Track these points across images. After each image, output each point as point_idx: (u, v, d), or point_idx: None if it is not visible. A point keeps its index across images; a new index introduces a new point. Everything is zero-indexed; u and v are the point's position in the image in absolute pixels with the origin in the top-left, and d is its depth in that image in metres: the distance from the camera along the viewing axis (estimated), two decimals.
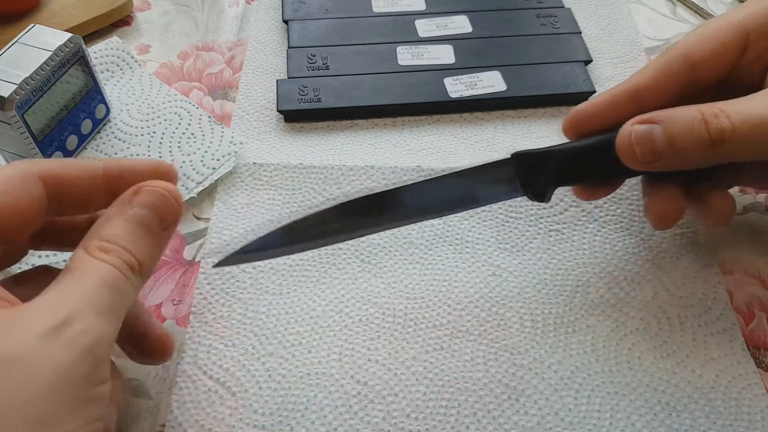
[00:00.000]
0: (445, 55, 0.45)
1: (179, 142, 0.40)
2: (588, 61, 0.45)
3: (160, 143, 0.40)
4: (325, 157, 0.40)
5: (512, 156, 0.32)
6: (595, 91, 0.43)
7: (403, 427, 0.29)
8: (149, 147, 0.39)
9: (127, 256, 0.24)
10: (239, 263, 0.33)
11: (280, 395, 0.30)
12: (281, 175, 0.39)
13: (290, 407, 0.30)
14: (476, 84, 0.43)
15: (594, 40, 0.48)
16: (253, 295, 0.33)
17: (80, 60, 0.37)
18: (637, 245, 0.36)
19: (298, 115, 0.42)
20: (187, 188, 0.37)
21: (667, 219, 0.32)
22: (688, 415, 0.30)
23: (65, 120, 0.37)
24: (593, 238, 0.36)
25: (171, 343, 0.29)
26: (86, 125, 0.39)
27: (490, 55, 0.45)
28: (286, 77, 0.43)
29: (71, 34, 0.36)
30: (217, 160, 0.39)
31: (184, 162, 0.39)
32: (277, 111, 0.41)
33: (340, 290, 0.34)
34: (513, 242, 0.36)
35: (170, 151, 0.39)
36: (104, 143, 0.40)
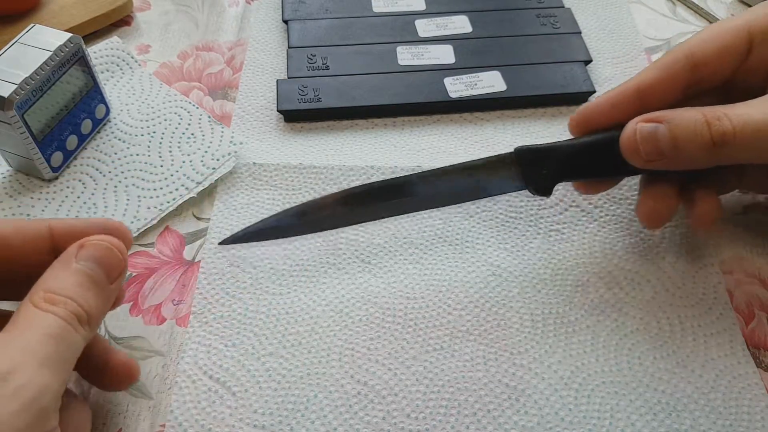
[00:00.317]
0: (445, 55, 0.45)
1: (179, 142, 0.40)
2: (588, 61, 0.45)
3: (160, 143, 0.40)
4: (325, 157, 0.40)
5: (515, 150, 0.33)
6: (595, 91, 0.43)
7: (403, 427, 0.29)
8: (149, 147, 0.39)
9: (74, 306, 0.24)
10: (248, 241, 0.34)
11: (280, 395, 0.30)
12: (281, 175, 0.39)
13: (290, 407, 0.30)
14: (476, 84, 0.43)
15: (594, 40, 0.48)
16: (253, 295, 0.33)
17: (80, 60, 0.37)
18: (637, 245, 0.36)
19: (298, 115, 0.42)
20: (187, 188, 0.37)
21: (655, 218, 0.32)
22: (688, 415, 0.30)
23: (65, 120, 0.37)
24: (593, 238, 0.36)
25: (136, 368, 0.29)
26: (86, 125, 0.39)
27: (490, 55, 0.45)
28: (286, 77, 0.43)
29: (71, 34, 0.36)
30: (217, 160, 0.39)
31: (184, 162, 0.39)
32: (277, 111, 0.41)
33: (340, 290, 0.34)
34: (513, 242, 0.36)
35: (170, 151, 0.39)
36: (104, 143, 0.40)
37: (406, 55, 0.44)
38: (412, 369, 0.31)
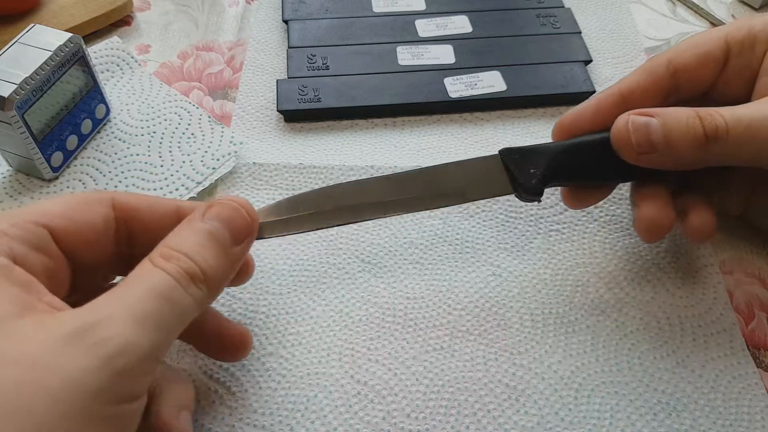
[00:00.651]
0: (445, 55, 0.45)
1: (179, 142, 0.40)
2: (588, 61, 0.45)
3: (160, 143, 0.40)
4: (325, 157, 0.40)
5: (500, 152, 0.32)
6: (595, 91, 0.43)
7: (403, 427, 0.29)
8: (149, 147, 0.39)
9: (189, 263, 0.22)
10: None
11: (280, 395, 0.30)
12: (281, 175, 0.39)
13: (290, 407, 0.30)
14: (476, 84, 0.43)
15: (594, 40, 0.48)
16: (253, 295, 0.33)
17: (80, 60, 0.37)
18: (637, 245, 0.36)
19: (298, 115, 0.42)
20: (187, 188, 0.37)
21: (656, 230, 0.31)
22: (688, 415, 0.30)
23: (65, 120, 0.37)
24: (593, 238, 0.36)
25: (250, 339, 0.29)
26: (86, 125, 0.39)
27: (490, 55, 0.45)
28: (286, 77, 0.43)
29: (71, 34, 0.36)
30: (217, 160, 0.39)
31: (184, 162, 0.39)
32: (277, 111, 0.41)
33: (340, 290, 0.34)
34: (513, 242, 0.36)
35: (170, 151, 0.39)
36: (104, 143, 0.40)
37: (406, 55, 0.44)
38: (412, 369, 0.31)
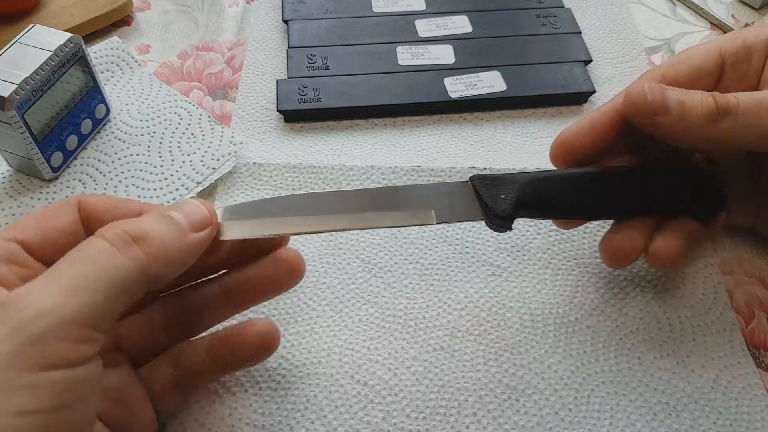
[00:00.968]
0: (445, 55, 0.45)
1: (179, 142, 0.40)
2: (588, 61, 0.45)
3: (160, 143, 0.40)
4: (325, 157, 0.40)
5: (470, 178, 0.30)
6: (594, 91, 0.43)
7: (403, 427, 0.29)
8: (149, 147, 0.39)
9: (130, 226, 0.22)
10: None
11: (280, 395, 0.30)
12: (281, 175, 0.39)
13: (290, 407, 0.30)
14: (476, 84, 0.43)
15: (594, 40, 0.48)
16: None
17: (80, 60, 0.37)
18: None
19: (298, 115, 0.42)
20: (187, 188, 0.37)
21: (617, 258, 0.31)
22: (688, 415, 0.30)
23: (65, 120, 0.37)
24: (593, 238, 0.36)
25: (272, 337, 0.28)
26: (86, 125, 0.39)
27: (490, 55, 0.45)
28: (286, 77, 0.43)
29: (71, 34, 0.36)
30: (217, 160, 0.39)
31: (184, 162, 0.39)
32: (277, 111, 0.41)
33: (340, 290, 0.34)
34: (513, 242, 0.36)
35: (170, 151, 0.39)
36: (104, 143, 0.40)
37: (406, 55, 0.44)
38: (412, 369, 0.31)
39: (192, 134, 0.40)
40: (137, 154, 0.39)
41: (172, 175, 0.38)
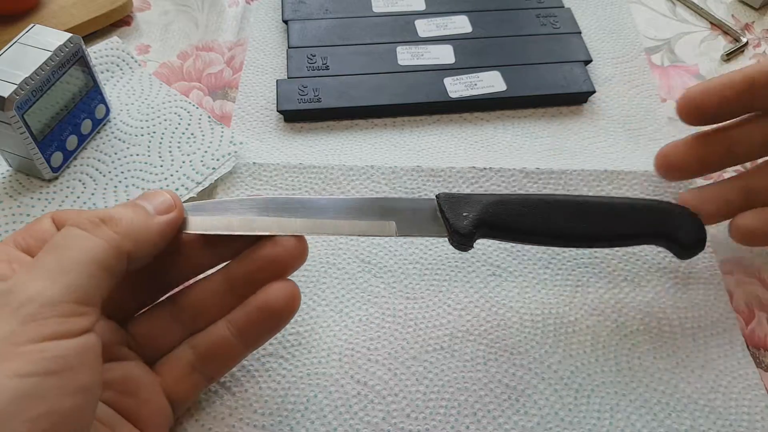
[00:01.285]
0: (445, 55, 0.45)
1: (179, 142, 0.40)
2: (588, 61, 0.45)
3: (160, 143, 0.40)
4: (325, 157, 0.40)
5: (437, 196, 0.31)
6: (594, 91, 0.43)
7: (403, 427, 0.29)
8: (149, 147, 0.39)
9: (99, 213, 0.24)
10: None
11: (280, 395, 0.30)
12: (281, 175, 0.39)
13: (290, 407, 0.30)
14: (476, 84, 0.43)
15: (594, 40, 0.48)
16: None
17: (80, 60, 0.37)
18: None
19: (298, 115, 0.42)
20: (187, 188, 0.37)
21: (672, 169, 0.34)
22: (688, 415, 0.30)
23: (65, 120, 0.37)
24: None
25: (293, 294, 0.27)
26: (86, 125, 0.39)
27: (490, 55, 0.45)
28: (286, 77, 0.43)
29: (71, 34, 0.36)
30: (217, 160, 0.39)
31: (184, 162, 0.39)
32: (277, 111, 0.41)
33: (340, 290, 0.34)
34: None
35: (170, 151, 0.39)
36: (104, 143, 0.40)
37: (406, 55, 0.44)
38: (412, 369, 0.31)
39: (192, 134, 0.40)
40: (137, 154, 0.39)
41: (172, 175, 0.38)
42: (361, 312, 0.33)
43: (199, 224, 0.28)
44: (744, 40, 0.48)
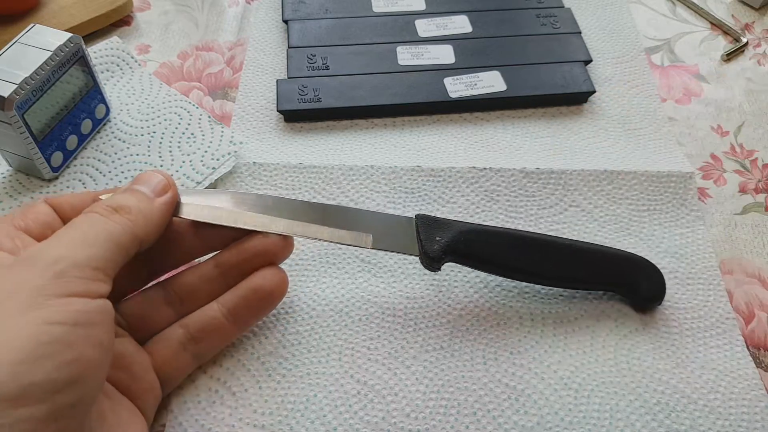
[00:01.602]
0: (445, 55, 0.45)
1: (179, 142, 0.40)
2: (588, 61, 0.45)
3: (160, 143, 0.40)
4: (325, 157, 0.40)
5: (416, 216, 0.32)
6: (594, 91, 0.43)
7: (402, 427, 0.29)
8: (149, 147, 0.39)
9: (111, 201, 0.26)
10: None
11: (280, 395, 0.30)
12: (281, 175, 0.39)
13: (290, 407, 0.30)
14: (476, 84, 0.43)
15: (594, 40, 0.48)
16: None
17: (80, 60, 0.37)
18: (637, 245, 0.36)
19: (298, 115, 0.42)
20: (187, 188, 0.37)
21: None
22: (688, 415, 0.30)
23: (65, 120, 0.37)
24: (593, 238, 0.36)
25: (281, 280, 0.30)
26: (86, 125, 0.39)
27: (490, 55, 0.45)
28: (286, 77, 0.43)
29: (71, 34, 0.36)
30: (217, 160, 0.39)
31: (184, 162, 0.39)
32: (277, 111, 0.41)
33: (340, 290, 0.34)
34: None
35: (170, 151, 0.39)
36: (104, 143, 0.40)
37: (406, 55, 0.44)
38: (412, 369, 0.31)
39: (192, 134, 0.40)
40: (137, 154, 0.39)
41: (171, 174, 0.38)
42: (361, 312, 0.33)
43: (190, 211, 0.30)
44: (744, 40, 0.48)
